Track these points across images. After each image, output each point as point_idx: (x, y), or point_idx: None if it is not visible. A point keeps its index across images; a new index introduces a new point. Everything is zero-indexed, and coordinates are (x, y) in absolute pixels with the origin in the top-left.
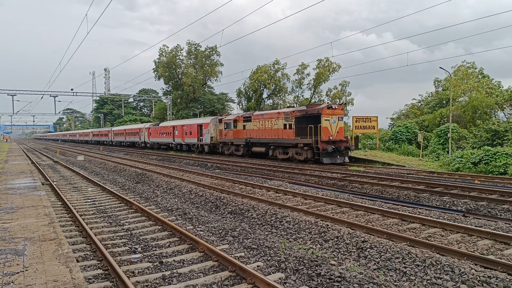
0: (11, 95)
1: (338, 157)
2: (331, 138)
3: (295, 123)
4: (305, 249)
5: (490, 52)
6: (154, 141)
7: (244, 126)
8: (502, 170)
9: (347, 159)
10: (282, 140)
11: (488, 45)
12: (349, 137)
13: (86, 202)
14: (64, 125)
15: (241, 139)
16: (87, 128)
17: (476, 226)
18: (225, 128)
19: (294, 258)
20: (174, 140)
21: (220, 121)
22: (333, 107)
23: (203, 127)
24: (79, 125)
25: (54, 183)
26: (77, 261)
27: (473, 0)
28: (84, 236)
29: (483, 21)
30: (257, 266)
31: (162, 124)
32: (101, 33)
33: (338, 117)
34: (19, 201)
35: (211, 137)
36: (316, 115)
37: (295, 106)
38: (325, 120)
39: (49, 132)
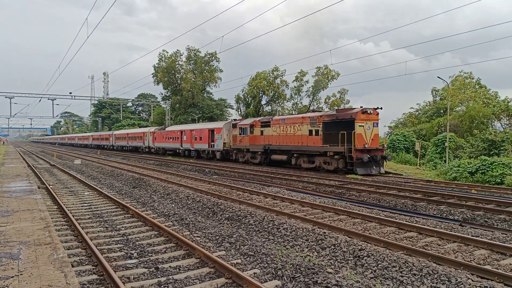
0: (9, 97)
1: (374, 167)
2: (366, 146)
3: (323, 129)
4: (302, 256)
5: (487, 62)
6: (159, 146)
7: (261, 131)
8: (499, 180)
9: (382, 170)
10: (307, 148)
11: (485, 55)
12: (385, 145)
13: (82, 206)
14: (62, 128)
15: (259, 146)
16: (85, 132)
17: (473, 236)
18: (240, 134)
19: (291, 265)
20: (181, 146)
21: (235, 126)
22: (368, 112)
23: (215, 132)
24: (77, 128)
25: (50, 186)
26: (72, 266)
27: (470, 11)
28: (79, 240)
29: (479, 32)
30: (254, 273)
31: (169, 128)
32: (100, 37)
33: (373, 123)
34: (14, 205)
35: (224, 143)
36: (349, 121)
37: (290, 110)
38: (359, 126)
39: (46, 135)
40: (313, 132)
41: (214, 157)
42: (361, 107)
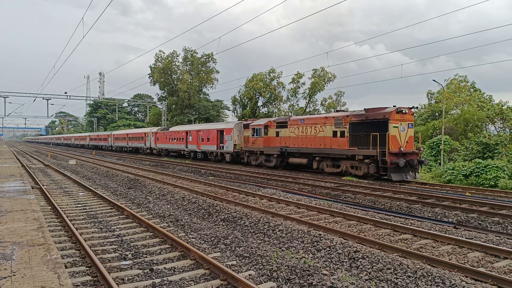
0: (3, 97)
1: (410, 172)
2: (402, 149)
3: (350, 130)
4: (297, 258)
5: (481, 66)
6: (162, 147)
7: (277, 132)
8: (493, 183)
9: (418, 176)
10: (331, 151)
11: (479, 59)
12: (421, 148)
13: (76, 207)
14: (57, 128)
15: (274, 148)
16: (80, 132)
17: (467, 238)
18: (252, 135)
19: (286, 267)
20: (187, 147)
21: (246, 126)
22: (403, 111)
23: (224, 133)
24: (72, 128)
25: (44, 187)
26: (66, 267)
27: (464, 15)
28: (73, 241)
29: (473, 36)
30: (249, 274)
31: (173, 128)
32: (95, 37)
33: (408, 124)
34: (7, 205)
35: (235, 145)
36: (382, 121)
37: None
38: (393, 127)
39: (41, 135)
40: (338, 134)
41: (223, 160)
42: (394, 106)
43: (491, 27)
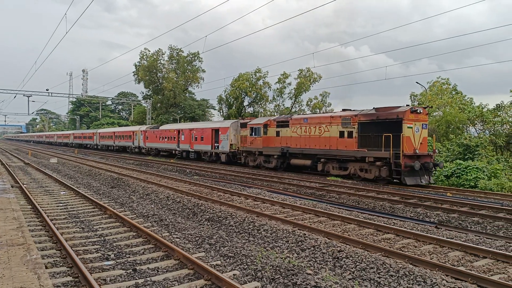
0: None
1: (425, 176)
2: (417, 151)
3: (359, 130)
4: (282, 258)
5: (462, 69)
6: (152, 147)
7: (277, 132)
8: (473, 184)
9: (432, 180)
10: (338, 152)
11: (460, 63)
12: (437, 150)
13: (57, 206)
14: (38, 126)
15: (274, 148)
16: (62, 130)
17: (448, 238)
18: (251, 134)
19: (271, 267)
20: (178, 147)
21: (244, 125)
22: (418, 111)
23: (220, 132)
24: (53, 126)
25: (24, 185)
26: (46, 267)
27: (446, 19)
28: (54, 241)
29: (455, 39)
30: (233, 274)
31: (163, 127)
32: (79, 33)
33: (422, 124)
34: None
35: (231, 145)
36: (395, 121)
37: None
38: (407, 127)
39: (21, 132)
40: (345, 134)
41: (218, 160)
42: (407, 105)
43: (472, 31)
